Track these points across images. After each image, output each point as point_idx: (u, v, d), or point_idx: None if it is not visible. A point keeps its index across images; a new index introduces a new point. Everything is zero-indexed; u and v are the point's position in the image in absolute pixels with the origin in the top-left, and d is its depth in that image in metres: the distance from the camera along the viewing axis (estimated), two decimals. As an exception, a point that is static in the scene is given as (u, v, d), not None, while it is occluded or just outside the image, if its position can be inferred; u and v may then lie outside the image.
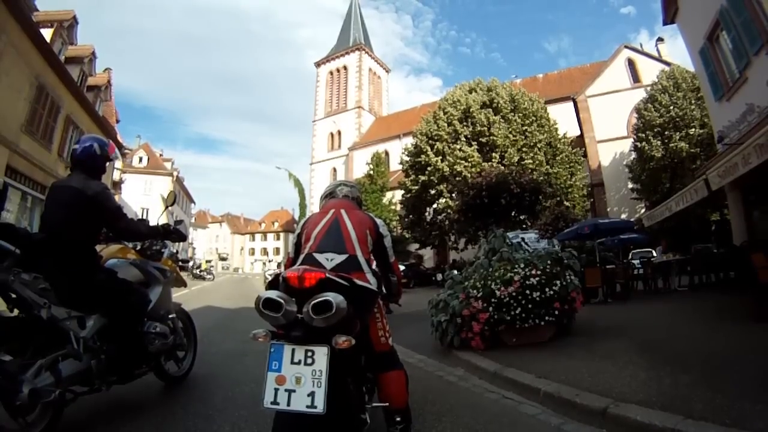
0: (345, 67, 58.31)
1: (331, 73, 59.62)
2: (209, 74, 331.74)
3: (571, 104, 35.29)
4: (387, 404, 2.44)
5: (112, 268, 3.37)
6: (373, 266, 2.65)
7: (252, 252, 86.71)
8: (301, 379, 1.85)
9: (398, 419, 2.41)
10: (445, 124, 26.20)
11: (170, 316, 3.90)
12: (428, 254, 35.45)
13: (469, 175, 23.50)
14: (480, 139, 24.94)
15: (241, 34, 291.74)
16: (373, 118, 57.08)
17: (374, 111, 58.07)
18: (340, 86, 58.23)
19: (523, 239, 20.98)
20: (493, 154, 24.12)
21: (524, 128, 24.95)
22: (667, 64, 29.92)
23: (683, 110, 23.68)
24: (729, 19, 10.88)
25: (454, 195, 22.79)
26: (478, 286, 5.47)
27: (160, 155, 53.18)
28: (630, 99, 32.33)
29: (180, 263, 4.61)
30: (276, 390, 1.85)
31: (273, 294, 1.91)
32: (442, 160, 25.04)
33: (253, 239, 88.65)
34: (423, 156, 26.31)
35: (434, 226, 27.08)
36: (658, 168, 23.79)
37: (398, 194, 36.07)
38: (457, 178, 23.71)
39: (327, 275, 2.02)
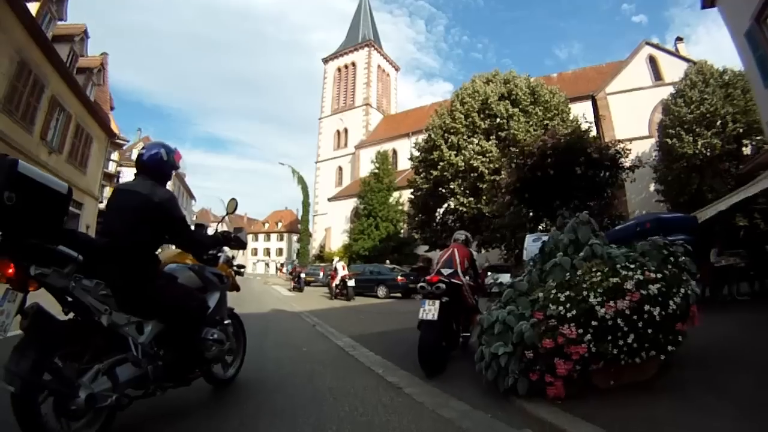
0: (353, 64, 56.65)
1: (339, 69, 57.99)
2: (219, 74, 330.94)
3: (586, 104, 33.58)
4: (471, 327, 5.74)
5: (172, 273, 3.39)
6: (467, 271, 5.81)
7: (254, 252, 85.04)
8: (431, 310, 4.91)
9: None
10: (462, 116, 24.64)
11: (225, 321, 3.95)
12: (435, 257, 33.64)
13: (486, 171, 21.97)
14: (499, 132, 23.32)
15: (253, 36, 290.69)
16: (381, 116, 55.48)
17: (382, 109, 56.44)
18: (348, 83, 56.58)
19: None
20: (513, 149, 22.42)
21: (545, 122, 23.34)
22: (689, 62, 28.49)
23: (713, 106, 22.52)
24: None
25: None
26: (561, 298, 3.68)
27: None
28: (651, 97, 31.17)
29: (235, 268, 4.61)
30: (423, 313, 4.94)
31: (424, 283, 5.19)
32: (456, 155, 23.44)
33: (257, 239, 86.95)
34: (436, 152, 24.74)
35: (445, 227, 25.44)
36: (687, 167, 22.31)
37: (405, 194, 34.72)
38: (473, 174, 22.18)
39: (441, 278, 5.24)
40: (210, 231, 4.31)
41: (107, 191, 36.22)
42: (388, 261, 26.67)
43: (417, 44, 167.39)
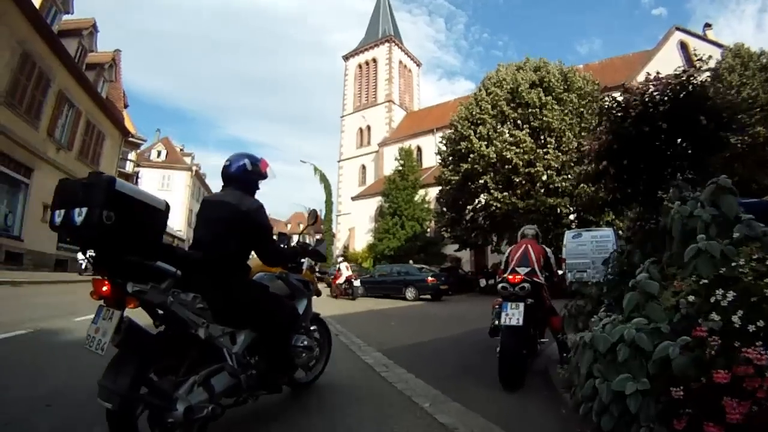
0: (374, 60, 54.92)
1: (360, 66, 56.30)
2: (240, 77, 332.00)
3: (615, 95, 31.75)
4: (554, 332, 5.22)
5: (262, 282, 3.40)
6: (543, 269, 5.15)
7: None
8: (515, 314, 4.41)
9: (559, 335, 5.10)
10: (489, 106, 23.11)
11: (312, 327, 4.00)
12: (464, 257, 32.31)
13: (520, 162, 20.48)
14: (531, 122, 21.81)
15: (274, 38, 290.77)
16: (404, 112, 53.73)
17: (405, 106, 54.62)
18: (369, 80, 54.80)
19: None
20: (549, 139, 21.02)
21: (580, 110, 21.86)
22: (721, 47, 26.60)
23: (755, 91, 20.61)
24: None
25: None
26: (718, 300, 2.39)
27: (181, 150, 51.84)
28: None
29: (318, 274, 4.73)
30: (506, 318, 4.42)
31: (505, 284, 4.69)
32: (487, 146, 21.89)
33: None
34: (464, 143, 23.22)
35: (475, 224, 24.08)
36: (729, 156, 20.56)
37: (431, 192, 33.51)
38: (506, 167, 20.74)
39: (524, 276, 4.75)
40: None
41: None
42: (411, 261, 25.33)
43: (437, 43, 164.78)
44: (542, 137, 21.54)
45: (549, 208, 20.62)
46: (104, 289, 2.21)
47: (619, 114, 6.34)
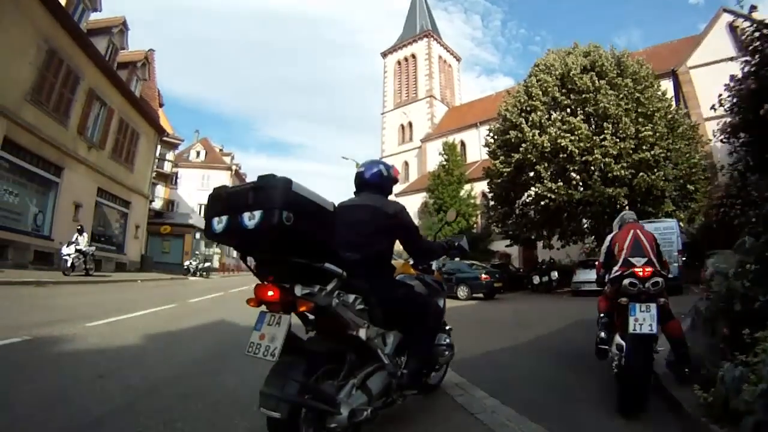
0: (413, 56, 54.19)
1: (399, 62, 55.63)
2: (279, 79, 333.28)
3: (665, 82, 29.43)
4: (674, 341, 4.03)
5: (407, 282, 3.41)
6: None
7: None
8: (646, 319, 3.51)
9: (685, 344, 4.02)
10: (540, 93, 21.60)
11: (447, 327, 3.91)
12: (512, 253, 31.27)
13: (576, 150, 18.98)
14: (586, 108, 20.26)
15: (310, 40, 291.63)
16: (446, 108, 52.71)
17: (446, 101, 53.58)
18: (409, 76, 54.06)
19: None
20: (606, 125, 19.40)
21: (636, 95, 20.15)
22: None
23: None
24: None
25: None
26: None
27: (220, 150, 52.23)
28: (737, 69, 26.65)
29: (446, 276, 4.85)
30: (635, 324, 3.51)
31: (634, 279, 3.66)
32: (540, 134, 20.36)
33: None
34: (514, 132, 21.79)
35: (526, 218, 22.80)
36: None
37: (477, 187, 32.55)
38: (561, 155, 19.36)
39: (654, 270, 3.69)
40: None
41: (160, 190, 35.62)
42: (458, 258, 24.04)
43: (474, 40, 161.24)
44: (597, 124, 19.99)
45: (607, 199, 19.06)
46: (270, 294, 2.13)
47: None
